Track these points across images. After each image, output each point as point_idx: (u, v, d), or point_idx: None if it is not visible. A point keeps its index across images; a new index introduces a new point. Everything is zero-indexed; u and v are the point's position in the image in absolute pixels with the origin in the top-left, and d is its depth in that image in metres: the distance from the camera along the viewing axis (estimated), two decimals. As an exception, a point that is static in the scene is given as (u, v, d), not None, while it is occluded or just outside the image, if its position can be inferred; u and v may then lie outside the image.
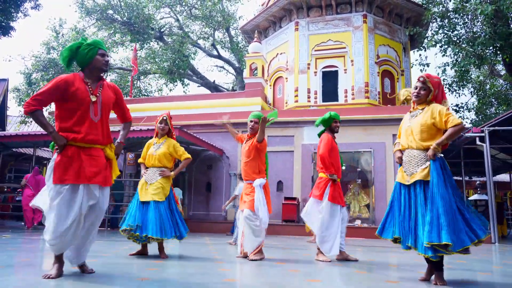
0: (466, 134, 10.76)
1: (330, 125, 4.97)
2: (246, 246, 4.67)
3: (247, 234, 4.66)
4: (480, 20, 13.92)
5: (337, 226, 4.70)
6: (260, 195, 4.69)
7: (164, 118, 4.82)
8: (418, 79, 3.37)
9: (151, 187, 4.59)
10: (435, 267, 3.16)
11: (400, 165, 3.40)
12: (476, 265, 4.87)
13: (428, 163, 3.17)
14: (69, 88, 2.93)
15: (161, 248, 4.61)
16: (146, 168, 4.84)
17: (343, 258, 4.77)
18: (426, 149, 3.21)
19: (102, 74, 3.15)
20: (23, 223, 13.17)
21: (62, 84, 2.91)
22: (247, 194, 4.79)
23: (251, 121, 4.94)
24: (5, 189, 16.61)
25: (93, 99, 2.97)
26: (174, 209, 4.71)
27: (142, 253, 4.63)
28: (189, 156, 4.84)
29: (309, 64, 14.85)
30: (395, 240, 3.28)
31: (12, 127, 21.93)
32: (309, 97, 14.62)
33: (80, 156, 2.91)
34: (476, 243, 3.03)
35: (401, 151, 3.42)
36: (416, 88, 3.37)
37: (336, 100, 14.40)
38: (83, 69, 3.07)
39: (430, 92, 3.33)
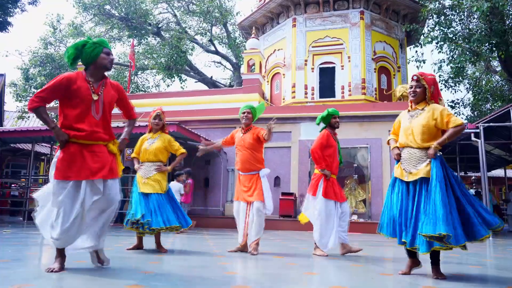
0: (461, 130, 10.89)
1: (330, 122, 5.05)
2: (251, 235, 4.74)
3: (255, 224, 4.71)
4: (476, 17, 14.03)
5: (333, 222, 4.80)
6: (266, 184, 4.83)
7: (158, 113, 4.88)
8: (412, 78, 3.41)
9: (148, 181, 4.67)
10: (432, 261, 3.25)
11: (398, 161, 3.46)
12: (468, 258, 5.01)
13: (428, 160, 3.24)
14: (71, 85, 2.99)
15: (158, 242, 4.70)
16: (140, 163, 4.91)
17: (347, 251, 4.84)
18: (426, 148, 3.26)
19: (105, 73, 3.22)
20: (21, 218, 13.26)
21: (64, 82, 2.98)
22: (250, 185, 4.82)
23: (244, 113, 4.99)
24: (3, 184, 16.62)
25: (95, 97, 3.04)
26: (175, 201, 4.83)
27: (138, 247, 4.72)
28: (184, 151, 4.95)
29: (306, 60, 14.93)
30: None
31: (9, 123, 21.92)
32: (306, 93, 14.71)
33: (82, 153, 2.97)
34: (482, 239, 3.08)
35: (399, 148, 3.48)
36: (411, 87, 3.41)
37: (333, 96, 14.50)
38: (87, 67, 3.13)
39: (426, 89, 3.35)
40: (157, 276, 2.94)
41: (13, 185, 17.16)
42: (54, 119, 3.29)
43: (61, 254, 3.04)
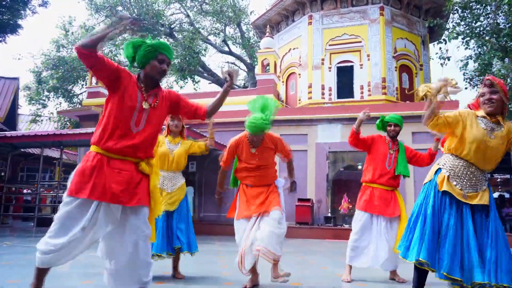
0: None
1: (386, 130, 4.70)
2: (269, 257, 3.50)
3: (274, 241, 3.50)
4: (504, 10, 13.19)
5: (369, 237, 4.21)
6: (283, 195, 3.96)
7: None
8: (485, 83, 2.72)
9: (167, 197, 4.06)
10: None
11: (439, 170, 2.79)
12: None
13: (487, 183, 2.67)
14: (123, 78, 2.45)
15: (175, 265, 4.15)
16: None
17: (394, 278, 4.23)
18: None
19: (158, 82, 2.61)
20: (31, 224, 12.99)
21: (119, 69, 2.45)
22: (264, 194, 3.83)
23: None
24: (14, 189, 16.43)
25: (145, 106, 2.47)
26: (188, 218, 4.26)
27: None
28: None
29: (323, 59, 14.31)
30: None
31: (24, 126, 21.87)
32: (323, 94, 14.09)
33: (103, 168, 2.38)
34: None
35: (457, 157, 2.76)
36: (483, 95, 2.71)
37: (352, 96, 13.85)
38: (141, 71, 2.59)
39: (502, 98, 2.65)
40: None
41: (25, 190, 16.98)
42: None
43: (38, 279, 2.40)
